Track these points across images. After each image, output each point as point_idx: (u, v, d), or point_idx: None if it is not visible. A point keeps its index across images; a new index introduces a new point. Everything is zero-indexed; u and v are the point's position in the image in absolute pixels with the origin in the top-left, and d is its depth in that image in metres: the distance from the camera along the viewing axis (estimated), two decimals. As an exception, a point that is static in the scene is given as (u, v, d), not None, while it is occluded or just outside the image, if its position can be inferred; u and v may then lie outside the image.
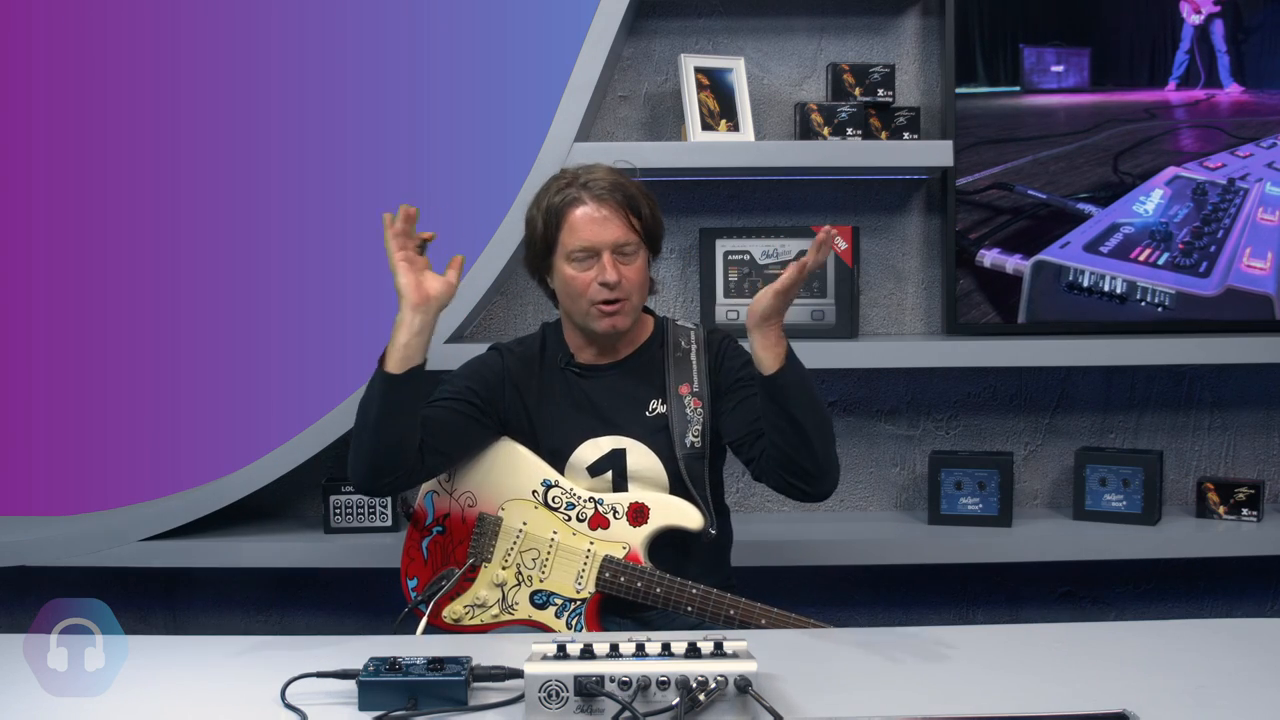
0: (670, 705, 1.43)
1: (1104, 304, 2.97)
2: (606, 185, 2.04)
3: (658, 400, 2.12)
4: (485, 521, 2.09)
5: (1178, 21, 2.97)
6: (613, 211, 2.03)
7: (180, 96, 3.00)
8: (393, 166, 3.01)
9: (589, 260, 2.04)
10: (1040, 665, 1.68)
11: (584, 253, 2.04)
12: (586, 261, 2.04)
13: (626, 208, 2.04)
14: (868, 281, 3.01)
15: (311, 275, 3.02)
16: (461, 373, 2.17)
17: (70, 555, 2.75)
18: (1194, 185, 2.98)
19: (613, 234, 2.03)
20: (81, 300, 3.03)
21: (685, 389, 2.11)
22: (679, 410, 2.09)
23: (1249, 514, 2.91)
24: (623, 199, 2.04)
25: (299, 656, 1.68)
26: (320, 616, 3.00)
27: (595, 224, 2.03)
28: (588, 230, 2.03)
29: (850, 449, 3.04)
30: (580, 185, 2.05)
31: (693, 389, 2.11)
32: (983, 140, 2.94)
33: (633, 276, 2.05)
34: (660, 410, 2.11)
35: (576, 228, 2.04)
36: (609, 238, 2.03)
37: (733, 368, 2.12)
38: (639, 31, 2.96)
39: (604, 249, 2.03)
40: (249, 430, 2.97)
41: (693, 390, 2.11)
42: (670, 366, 2.13)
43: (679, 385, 2.12)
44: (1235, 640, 1.77)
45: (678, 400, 2.10)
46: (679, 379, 2.12)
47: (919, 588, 3.05)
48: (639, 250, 2.06)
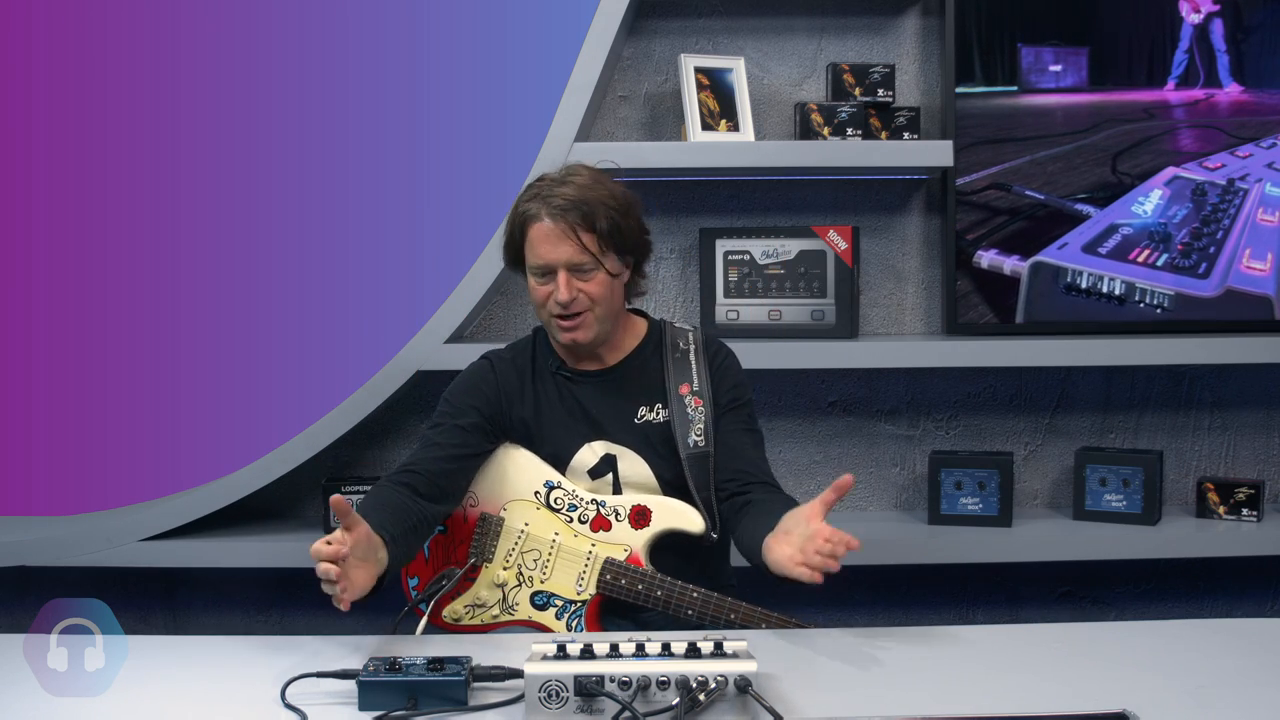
0: (670, 705, 1.43)
1: (1103, 305, 2.97)
2: (565, 202, 2.01)
3: (648, 407, 2.11)
4: (487, 521, 2.09)
5: (1176, 21, 2.97)
6: (566, 230, 2.00)
7: (181, 97, 3.00)
8: (393, 166, 3.01)
9: (547, 276, 2.04)
10: (1040, 665, 1.68)
11: (541, 269, 2.04)
12: (545, 277, 2.04)
13: (580, 225, 2.00)
14: (868, 281, 3.01)
15: (312, 275, 3.02)
16: (461, 389, 2.14)
17: (70, 555, 2.75)
18: (1193, 186, 2.98)
19: (564, 254, 2.01)
20: (81, 300, 3.03)
21: (685, 388, 2.11)
22: (680, 410, 2.09)
23: (1249, 514, 2.91)
24: (578, 217, 2.00)
25: (299, 656, 1.68)
26: (320, 616, 2.99)
27: (548, 243, 2.02)
28: (542, 248, 2.02)
29: (850, 449, 3.04)
30: (542, 199, 2.03)
31: (693, 388, 2.11)
32: (980, 140, 2.94)
33: (593, 291, 2.03)
34: (649, 417, 2.10)
35: (534, 244, 2.04)
36: (560, 257, 2.01)
37: (726, 387, 2.13)
38: (639, 31, 2.96)
39: (558, 267, 2.02)
40: (249, 430, 2.97)
41: (693, 389, 2.11)
42: (670, 369, 2.13)
43: (679, 385, 2.12)
44: (1235, 640, 1.77)
45: (679, 400, 2.10)
46: (679, 379, 2.12)
47: (919, 588, 3.05)
48: (596, 267, 2.03)
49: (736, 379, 2.15)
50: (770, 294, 2.84)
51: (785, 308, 2.84)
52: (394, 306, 3.00)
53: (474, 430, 2.09)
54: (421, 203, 3.02)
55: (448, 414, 2.11)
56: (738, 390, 2.14)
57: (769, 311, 2.84)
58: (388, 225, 3.02)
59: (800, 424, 3.04)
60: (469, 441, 2.08)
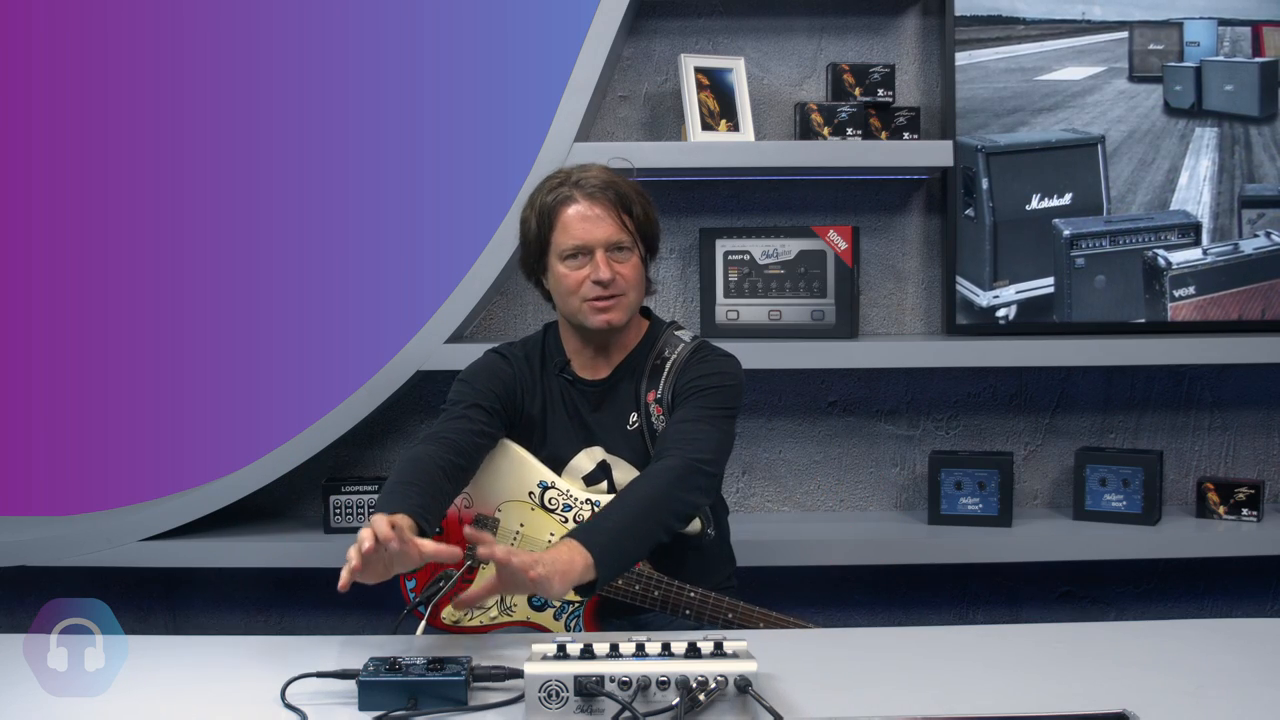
0: (670, 705, 1.43)
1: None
2: (599, 183, 2.03)
3: (636, 414, 2.11)
4: (482, 523, 2.09)
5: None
6: (605, 210, 2.02)
7: (181, 96, 3.00)
8: (393, 166, 3.01)
9: (582, 258, 2.03)
10: (1040, 665, 1.68)
11: (577, 250, 2.03)
12: (579, 259, 2.03)
13: (619, 206, 2.03)
14: (868, 281, 3.01)
15: (312, 275, 3.02)
16: (480, 376, 2.11)
17: (70, 555, 2.75)
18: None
19: (605, 232, 2.02)
20: (81, 300, 3.03)
21: (652, 396, 2.10)
22: (647, 419, 2.09)
23: (1249, 514, 2.91)
24: (615, 197, 2.03)
25: (299, 656, 1.68)
26: (320, 616, 3.00)
27: (587, 222, 2.02)
28: (580, 228, 2.02)
29: (850, 449, 3.04)
30: (573, 184, 2.04)
31: (657, 396, 2.09)
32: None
33: (627, 274, 2.04)
34: (637, 425, 2.10)
35: (569, 226, 2.03)
36: (601, 235, 2.02)
37: (689, 376, 2.07)
38: (639, 31, 2.96)
39: (597, 247, 2.02)
40: (249, 430, 2.97)
41: (657, 398, 2.09)
42: (646, 373, 2.12)
43: (648, 393, 2.10)
44: (1235, 640, 1.77)
45: (646, 409, 2.09)
46: (649, 386, 2.10)
47: (919, 588, 3.05)
48: (633, 248, 2.04)
49: (705, 369, 2.06)
50: (770, 294, 2.84)
51: (785, 308, 2.84)
52: (394, 306, 3.00)
53: (495, 414, 2.07)
54: (421, 203, 3.02)
55: (468, 395, 2.07)
56: (703, 379, 2.05)
57: (769, 311, 2.84)
58: (388, 225, 3.02)
59: (800, 424, 3.04)
60: (493, 422, 2.06)
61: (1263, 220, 2.90)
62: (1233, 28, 2.89)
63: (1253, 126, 2.89)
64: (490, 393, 2.08)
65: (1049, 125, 2.90)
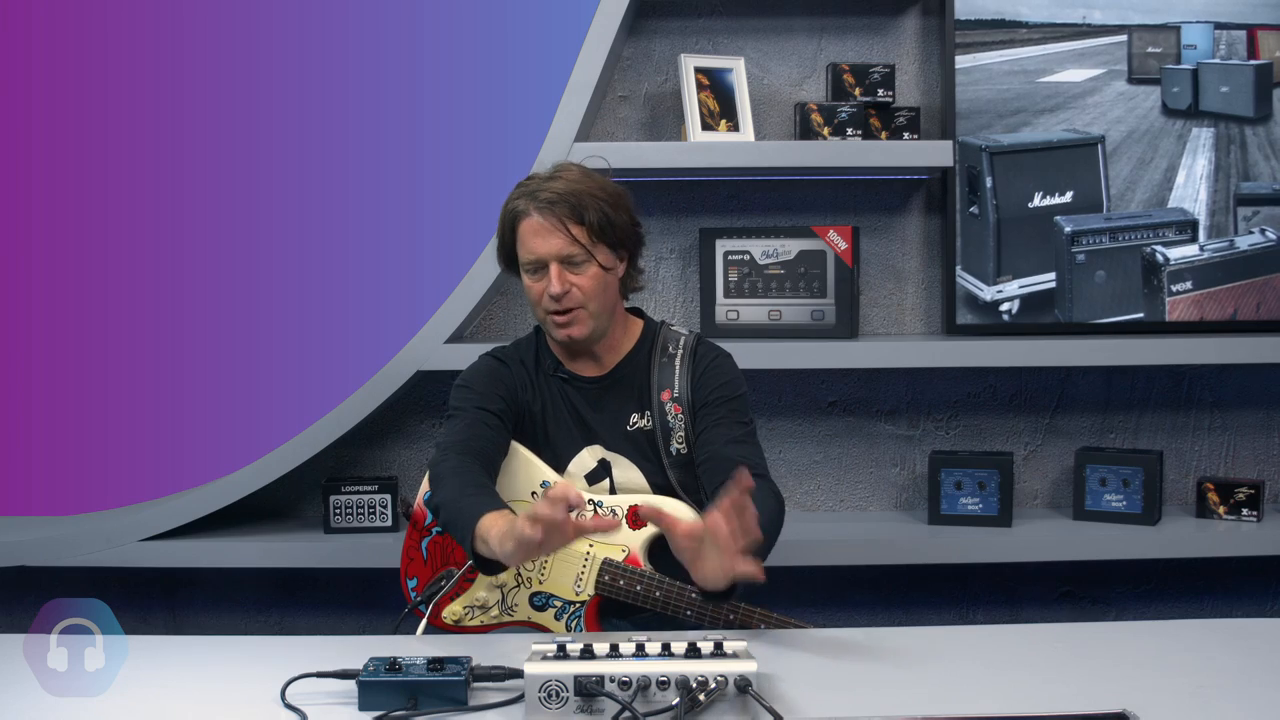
0: (670, 705, 1.43)
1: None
2: (553, 195, 2.00)
3: (639, 414, 2.11)
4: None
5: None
6: (555, 223, 2.00)
7: (182, 96, 3.00)
8: (393, 167, 3.01)
9: (540, 271, 2.03)
10: (1040, 665, 1.68)
11: (533, 264, 2.03)
12: (538, 273, 2.03)
13: (571, 217, 2.00)
14: (868, 281, 3.01)
15: (312, 275, 3.02)
16: (481, 379, 2.11)
17: (70, 555, 2.75)
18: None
19: (554, 246, 2.00)
20: (82, 300, 3.04)
21: (667, 395, 2.09)
22: (661, 417, 2.09)
23: (1249, 514, 2.91)
24: (567, 210, 2.00)
25: (299, 656, 1.68)
26: (320, 616, 3.00)
27: (538, 236, 2.01)
28: (533, 242, 2.02)
29: (850, 449, 3.04)
30: (529, 195, 2.03)
31: (673, 395, 2.09)
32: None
33: (585, 285, 2.02)
34: (640, 424, 2.10)
35: (524, 239, 2.03)
36: (551, 250, 2.01)
37: (710, 385, 2.09)
38: (639, 31, 2.96)
39: (549, 260, 2.01)
40: (249, 430, 2.97)
41: (673, 396, 2.09)
42: (655, 372, 2.12)
43: (661, 391, 2.10)
44: (1235, 640, 1.77)
45: (660, 407, 2.09)
46: (662, 385, 2.10)
47: (919, 588, 3.05)
48: (588, 259, 2.02)
49: (722, 377, 2.11)
50: (770, 294, 2.84)
51: (785, 308, 2.84)
52: (394, 306, 3.01)
53: (504, 416, 2.07)
54: (421, 203, 3.02)
55: (472, 399, 2.07)
56: (725, 388, 2.09)
57: (769, 312, 2.84)
58: (388, 225, 3.02)
59: (800, 424, 3.04)
60: (504, 426, 2.07)
61: (1258, 217, 2.92)
62: (1229, 31, 2.91)
63: (1248, 127, 2.91)
64: (496, 396, 2.08)
65: (1050, 126, 2.92)
